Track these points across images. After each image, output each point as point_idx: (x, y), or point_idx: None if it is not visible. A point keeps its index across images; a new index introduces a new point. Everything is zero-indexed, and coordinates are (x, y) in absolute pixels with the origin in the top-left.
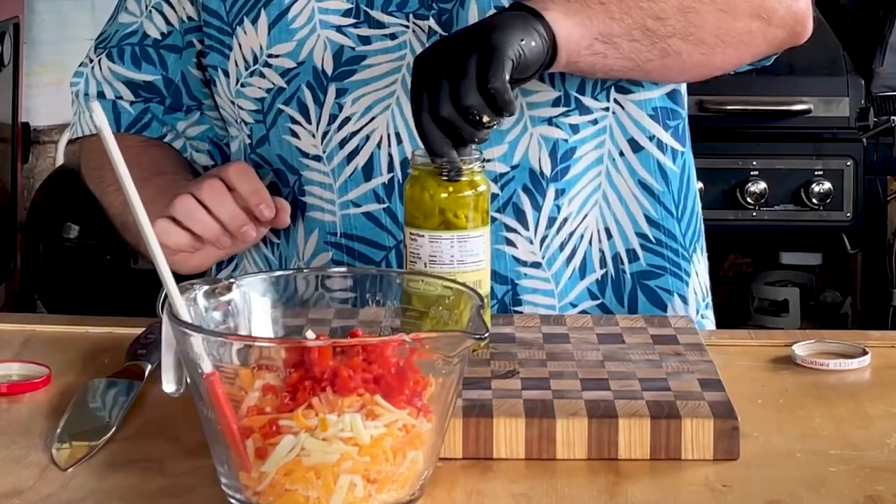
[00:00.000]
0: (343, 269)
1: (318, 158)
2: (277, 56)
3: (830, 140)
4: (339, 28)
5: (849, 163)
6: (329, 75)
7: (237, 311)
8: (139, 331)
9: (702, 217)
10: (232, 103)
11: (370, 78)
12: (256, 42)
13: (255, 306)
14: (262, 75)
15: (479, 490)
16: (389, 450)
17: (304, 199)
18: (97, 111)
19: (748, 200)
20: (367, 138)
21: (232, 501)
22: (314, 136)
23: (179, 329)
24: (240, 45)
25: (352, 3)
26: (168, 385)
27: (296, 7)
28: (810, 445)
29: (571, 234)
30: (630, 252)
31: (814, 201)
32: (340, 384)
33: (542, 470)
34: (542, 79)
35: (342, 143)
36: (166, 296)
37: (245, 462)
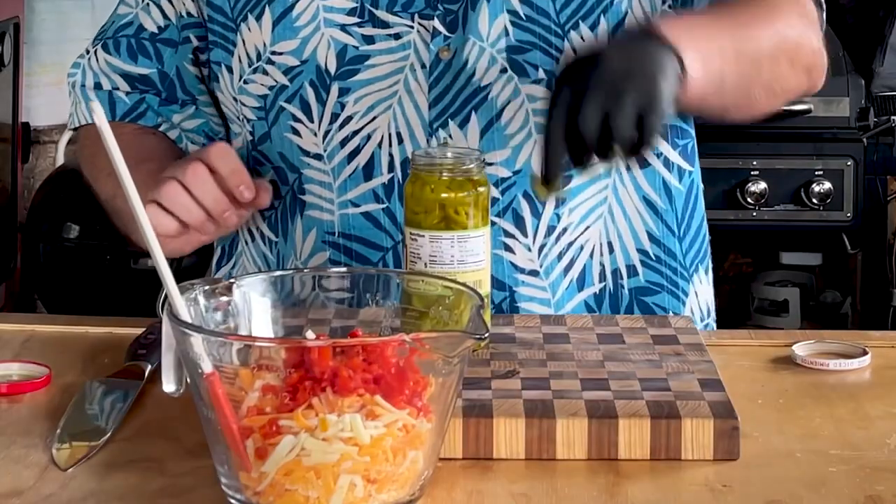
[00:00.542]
0: (344, 269)
1: (319, 157)
2: (281, 53)
3: (830, 140)
4: (344, 27)
5: (849, 163)
6: (332, 74)
7: (237, 311)
8: (139, 331)
9: (709, 238)
10: (234, 100)
11: (373, 77)
12: (260, 39)
13: (256, 306)
14: (265, 72)
15: (479, 490)
16: (389, 450)
17: (304, 198)
18: (97, 112)
19: (748, 200)
20: (369, 138)
21: (232, 501)
22: (315, 135)
23: (179, 329)
24: (243, 42)
25: (357, 2)
26: (168, 385)
27: (300, 5)
28: (810, 445)
29: (571, 245)
30: (630, 267)
31: (814, 201)
32: (340, 384)
33: (542, 470)
34: (548, 84)
35: (343, 143)
36: (166, 296)
37: (245, 462)
